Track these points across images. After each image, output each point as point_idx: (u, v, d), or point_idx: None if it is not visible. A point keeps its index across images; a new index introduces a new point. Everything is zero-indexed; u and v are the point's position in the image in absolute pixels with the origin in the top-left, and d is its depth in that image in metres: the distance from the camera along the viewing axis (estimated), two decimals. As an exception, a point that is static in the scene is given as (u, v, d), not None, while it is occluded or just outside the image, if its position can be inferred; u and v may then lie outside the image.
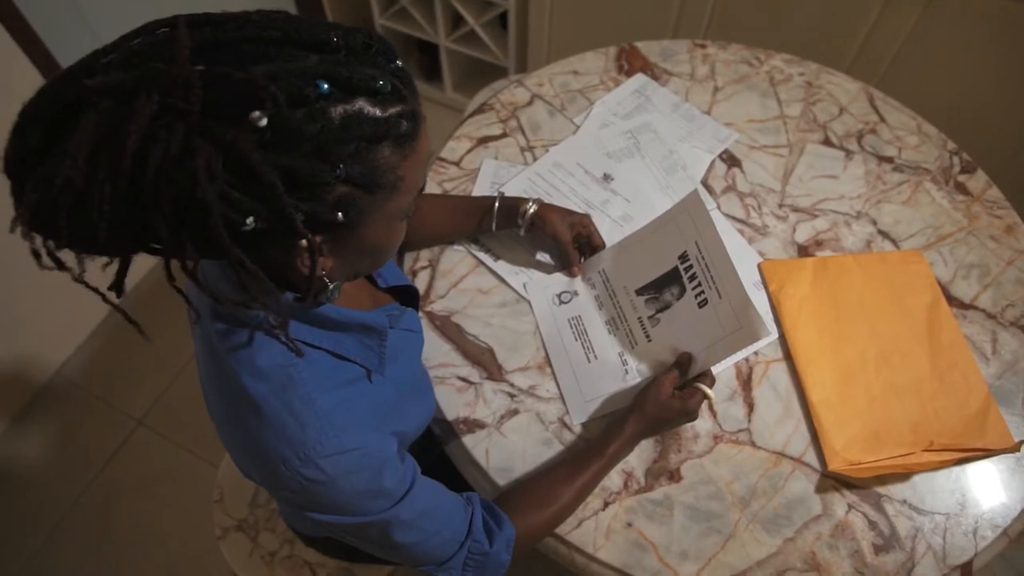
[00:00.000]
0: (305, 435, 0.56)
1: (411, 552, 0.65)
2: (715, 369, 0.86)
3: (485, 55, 2.06)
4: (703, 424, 0.86)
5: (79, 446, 1.71)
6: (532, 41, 1.95)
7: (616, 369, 0.88)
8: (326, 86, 0.43)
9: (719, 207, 1.05)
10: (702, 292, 0.83)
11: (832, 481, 0.83)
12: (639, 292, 0.90)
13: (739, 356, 0.90)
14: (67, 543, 1.60)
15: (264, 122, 0.41)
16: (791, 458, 0.84)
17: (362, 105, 0.45)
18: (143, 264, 1.81)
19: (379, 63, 0.48)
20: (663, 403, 0.79)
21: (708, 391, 0.80)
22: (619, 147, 1.12)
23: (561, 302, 0.94)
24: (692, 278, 0.85)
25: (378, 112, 0.46)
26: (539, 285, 0.95)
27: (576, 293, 0.94)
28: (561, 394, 0.87)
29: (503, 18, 2.02)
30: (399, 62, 0.50)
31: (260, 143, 0.42)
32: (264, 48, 0.44)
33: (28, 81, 1.41)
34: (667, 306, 0.87)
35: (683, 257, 0.86)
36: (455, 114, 2.31)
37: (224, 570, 1.50)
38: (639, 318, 0.90)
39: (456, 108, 2.32)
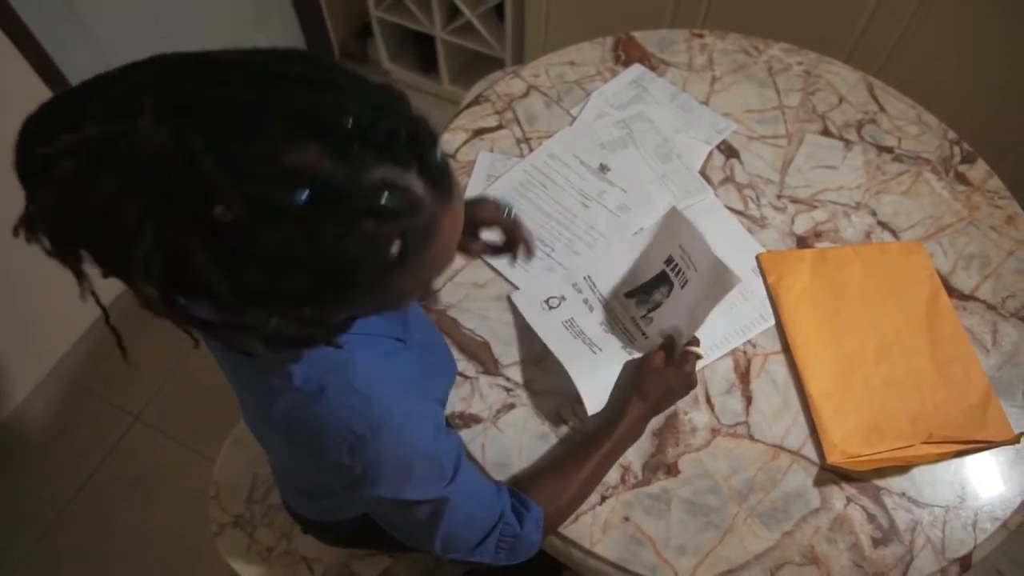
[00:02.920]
0: (372, 409, 0.56)
1: (452, 534, 0.65)
2: (712, 359, 0.87)
3: (482, 47, 2.04)
4: (700, 417, 0.85)
5: (76, 442, 1.71)
6: (529, 32, 1.93)
7: (623, 357, 0.87)
8: (305, 196, 0.35)
9: (717, 197, 1.04)
10: (685, 277, 0.86)
11: (830, 474, 0.82)
12: (628, 295, 0.92)
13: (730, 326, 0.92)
14: (64, 539, 1.59)
15: (229, 217, 0.35)
16: (789, 451, 0.84)
17: (354, 223, 0.38)
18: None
19: (402, 157, 0.39)
20: (660, 375, 0.79)
21: (698, 351, 0.81)
22: (613, 137, 1.10)
23: (550, 307, 0.92)
24: (677, 272, 0.88)
25: (371, 226, 0.38)
26: (524, 296, 0.93)
27: (563, 298, 0.93)
28: (577, 391, 0.83)
29: (499, 9, 2.00)
30: (438, 152, 0.42)
31: (211, 247, 0.36)
32: (253, 118, 0.36)
33: (26, 84, 1.40)
34: (657, 305, 0.88)
35: (668, 260, 0.90)
36: (453, 107, 2.30)
37: (223, 566, 1.50)
38: (632, 318, 0.90)
39: (453, 101, 2.30)
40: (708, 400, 0.87)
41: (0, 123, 0.61)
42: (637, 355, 0.87)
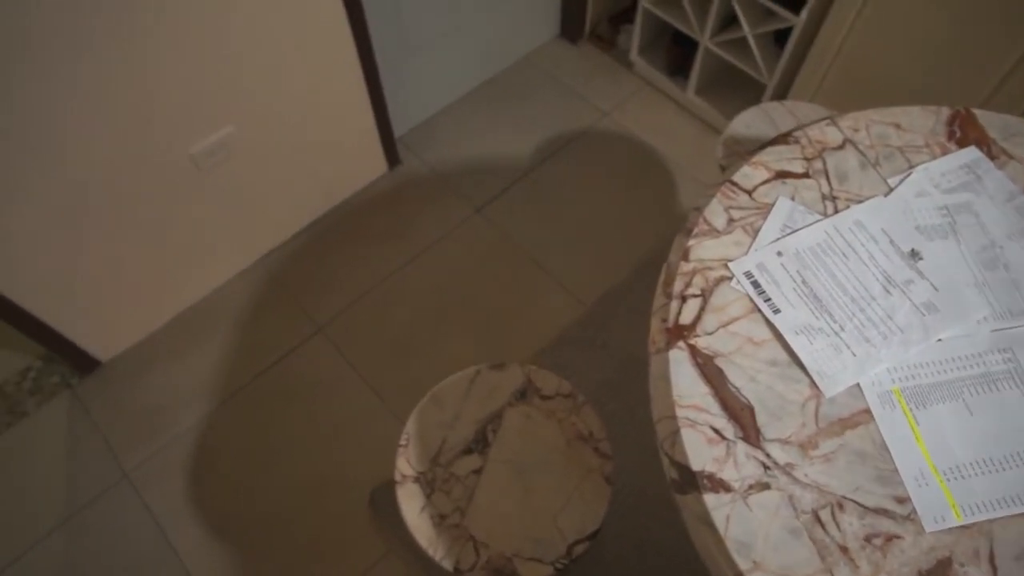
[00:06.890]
0: None
1: None
2: (1005, 514, 0.76)
3: (747, 67, 1.93)
4: (978, 576, 0.74)
5: (261, 334, 1.81)
6: (806, 69, 1.79)
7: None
8: None
9: (1042, 328, 0.90)
10: None
11: None
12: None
13: None
14: (226, 424, 1.70)
15: None
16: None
17: None
18: (355, 181, 1.86)
19: None
20: None
21: None
22: (932, 223, 0.98)
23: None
24: None
25: None
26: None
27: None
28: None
29: (780, 35, 1.87)
30: None
31: None
32: None
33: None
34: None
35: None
36: (690, 117, 2.20)
37: (359, 494, 1.55)
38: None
39: (692, 112, 2.20)
40: (992, 560, 0.75)
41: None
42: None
